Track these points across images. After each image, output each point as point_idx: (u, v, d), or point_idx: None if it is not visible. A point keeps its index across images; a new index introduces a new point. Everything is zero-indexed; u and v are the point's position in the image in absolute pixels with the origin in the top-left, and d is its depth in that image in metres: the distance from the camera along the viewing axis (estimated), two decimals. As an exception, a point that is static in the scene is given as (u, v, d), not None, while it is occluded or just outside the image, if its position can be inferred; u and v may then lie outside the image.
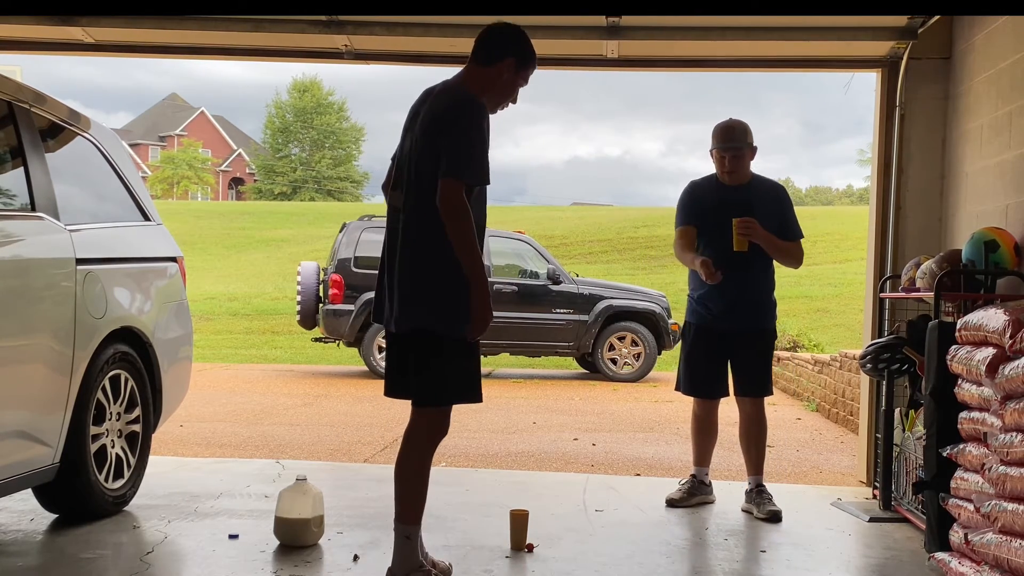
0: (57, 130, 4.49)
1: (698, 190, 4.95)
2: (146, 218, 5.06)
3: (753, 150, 4.89)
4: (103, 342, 4.25)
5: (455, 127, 3.26)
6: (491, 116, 3.41)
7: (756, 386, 4.92)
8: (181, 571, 3.81)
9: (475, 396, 3.47)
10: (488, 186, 3.41)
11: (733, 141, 4.82)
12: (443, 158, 3.24)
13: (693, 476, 5.02)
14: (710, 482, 5.06)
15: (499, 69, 3.43)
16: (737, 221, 4.67)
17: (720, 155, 4.83)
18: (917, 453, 4.53)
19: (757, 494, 4.83)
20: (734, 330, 4.85)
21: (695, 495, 4.96)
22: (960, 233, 5.15)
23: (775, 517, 4.67)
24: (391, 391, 3.55)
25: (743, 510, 4.86)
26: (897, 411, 5.04)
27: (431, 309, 3.31)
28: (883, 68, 5.67)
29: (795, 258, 4.89)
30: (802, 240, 4.92)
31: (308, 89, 60.36)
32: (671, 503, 4.92)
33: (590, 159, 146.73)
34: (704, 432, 5.03)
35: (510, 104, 3.55)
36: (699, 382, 4.97)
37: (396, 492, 3.43)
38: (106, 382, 4.33)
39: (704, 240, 4.85)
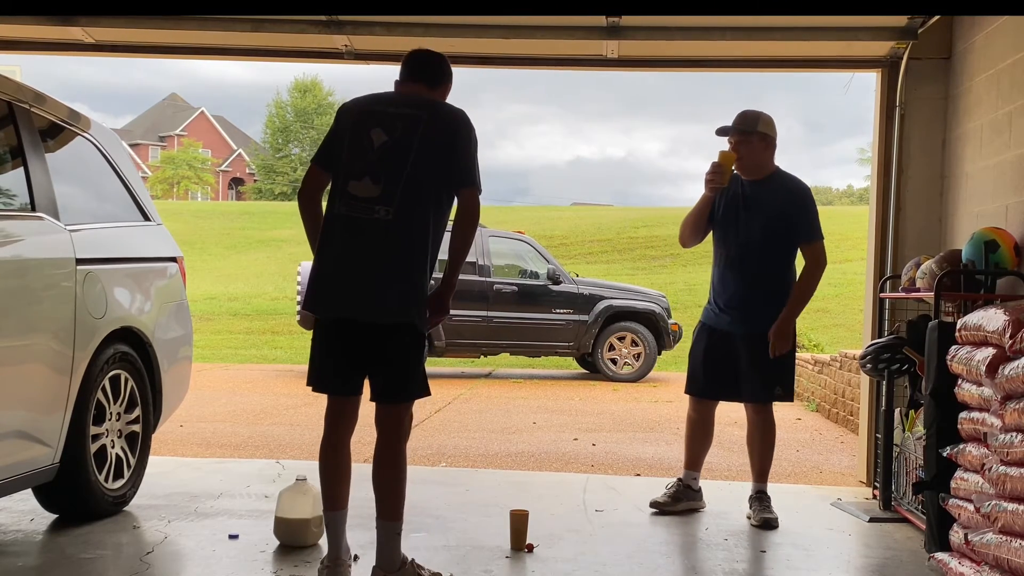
0: (57, 130, 4.49)
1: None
2: (146, 218, 5.06)
3: (764, 139, 4.68)
4: (103, 342, 4.25)
5: (471, 143, 3.47)
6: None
7: (754, 392, 4.75)
8: (181, 571, 3.81)
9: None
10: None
11: (740, 124, 4.67)
12: (463, 170, 3.42)
13: (680, 480, 4.89)
14: (699, 487, 4.92)
15: (443, 92, 3.63)
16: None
17: (729, 139, 4.71)
18: (917, 453, 4.53)
19: (757, 500, 4.76)
20: (735, 331, 4.73)
21: (681, 500, 4.83)
22: (960, 233, 5.15)
23: (767, 524, 4.59)
24: (348, 386, 3.46)
25: (746, 515, 4.83)
26: (897, 411, 5.04)
27: (415, 305, 3.37)
28: (883, 68, 5.67)
29: (815, 275, 4.64)
30: (822, 241, 4.66)
31: (309, 89, 60.35)
32: (655, 506, 4.80)
33: (593, 159, 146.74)
34: (695, 434, 4.90)
35: None
36: (693, 379, 4.90)
37: (389, 493, 3.41)
38: (106, 382, 4.34)
39: (716, 234, 4.82)
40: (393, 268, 3.34)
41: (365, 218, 3.34)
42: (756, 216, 4.66)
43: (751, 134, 4.67)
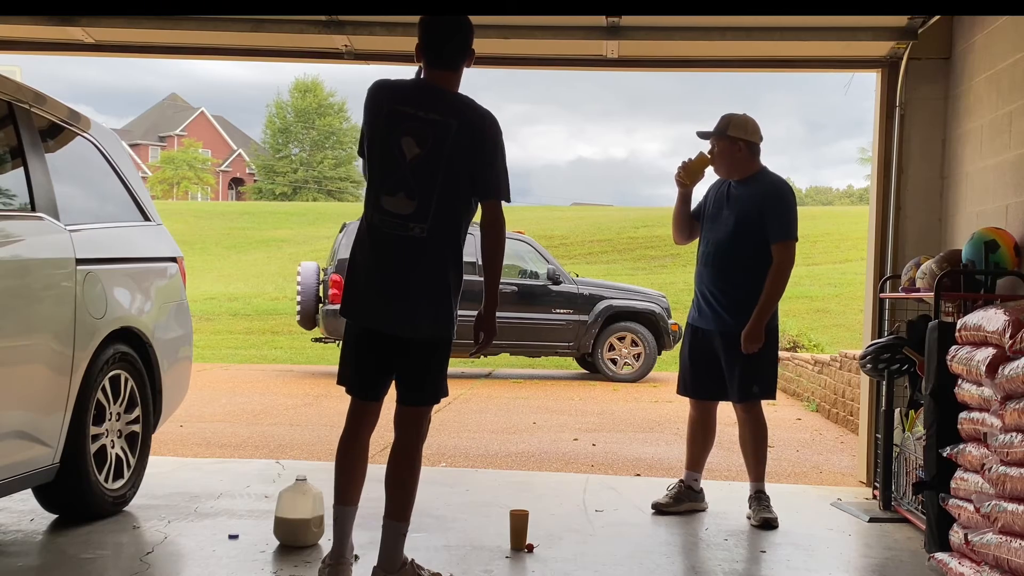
0: (57, 130, 4.49)
1: (713, 185, 4.90)
2: (146, 218, 5.06)
3: (733, 143, 4.67)
4: (103, 342, 4.25)
5: (499, 150, 3.41)
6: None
7: (735, 391, 4.72)
8: (181, 571, 3.81)
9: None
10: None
11: (715, 129, 4.74)
12: (491, 182, 3.39)
13: (682, 481, 4.90)
14: (701, 488, 4.92)
15: (468, 63, 3.50)
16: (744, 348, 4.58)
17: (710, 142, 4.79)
18: (917, 453, 4.53)
19: (756, 500, 4.76)
20: (712, 330, 4.74)
21: (683, 501, 4.84)
22: (960, 233, 5.15)
23: (767, 524, 4.59)
24: (372, 392, 3.51)
25: (746, 515, 4.83)
26: (897, 411, 5.04)
27: (447, 316, 3.43)
28: (883, 68, 5.67)
29: (781, 274, 4.57)
30: (793, 242, 4.59)
31: (310, 90, 60.35)
32: (657, 508, 4.81)
33: (594, 159, 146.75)
34: (695, 434, 4.91)
35: None
36: (683, 380, 4.94)
37: (401, 493, 3.44)
38: (106, 382, 4.33)
39: (700, 233, 4.86)
40: (428, 285, 3.37)
41: (401, 235, 3.34)
42: (733, 214, 4.68)
43: (721, 138, 4.72)
